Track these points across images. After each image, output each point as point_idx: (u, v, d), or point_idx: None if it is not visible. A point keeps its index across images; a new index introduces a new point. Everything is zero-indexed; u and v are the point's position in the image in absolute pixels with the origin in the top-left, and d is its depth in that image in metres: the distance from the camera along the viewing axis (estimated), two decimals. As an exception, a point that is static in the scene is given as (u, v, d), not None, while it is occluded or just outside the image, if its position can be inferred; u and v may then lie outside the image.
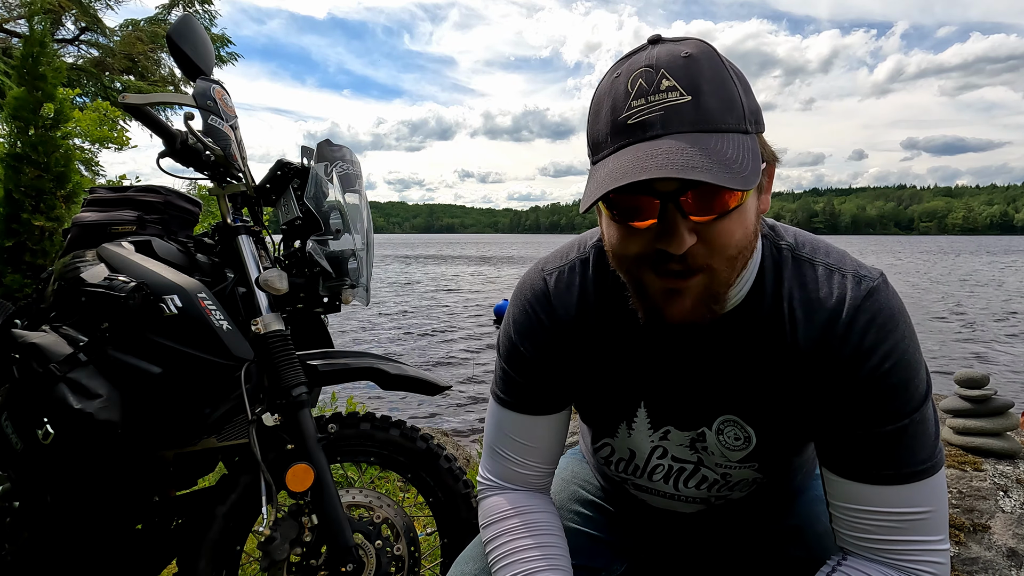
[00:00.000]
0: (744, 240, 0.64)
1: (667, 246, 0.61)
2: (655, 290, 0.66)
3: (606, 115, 0.63)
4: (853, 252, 0.77)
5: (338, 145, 1.38)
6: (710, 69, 0.60)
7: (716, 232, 0.61)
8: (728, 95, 0.61)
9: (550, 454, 0.89)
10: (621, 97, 0.62)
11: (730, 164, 0.56)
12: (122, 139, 4.84)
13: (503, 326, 0.88)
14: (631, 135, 0.60)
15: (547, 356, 0.83)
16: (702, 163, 0.56)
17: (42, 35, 2.87)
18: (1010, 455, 1.80)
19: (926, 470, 0.67)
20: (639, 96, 0.60)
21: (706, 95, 0.59)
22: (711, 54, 0.62)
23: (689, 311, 0.66)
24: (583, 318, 0.81)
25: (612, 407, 0.85)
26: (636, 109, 0.60)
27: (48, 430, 1.10)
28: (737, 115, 0.61)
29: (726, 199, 0.60)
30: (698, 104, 0.59)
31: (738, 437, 0.79)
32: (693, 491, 0.88)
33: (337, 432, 1.36)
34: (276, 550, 1.16)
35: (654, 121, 0.59)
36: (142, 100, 1.21)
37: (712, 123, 0.59)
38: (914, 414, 0.67)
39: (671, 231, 0.60)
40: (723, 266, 0.64)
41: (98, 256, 1.29)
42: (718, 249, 0.62)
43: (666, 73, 0.60)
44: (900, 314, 0.69)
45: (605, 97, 0.64)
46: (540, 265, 0.86)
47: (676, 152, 0.57)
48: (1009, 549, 1.45)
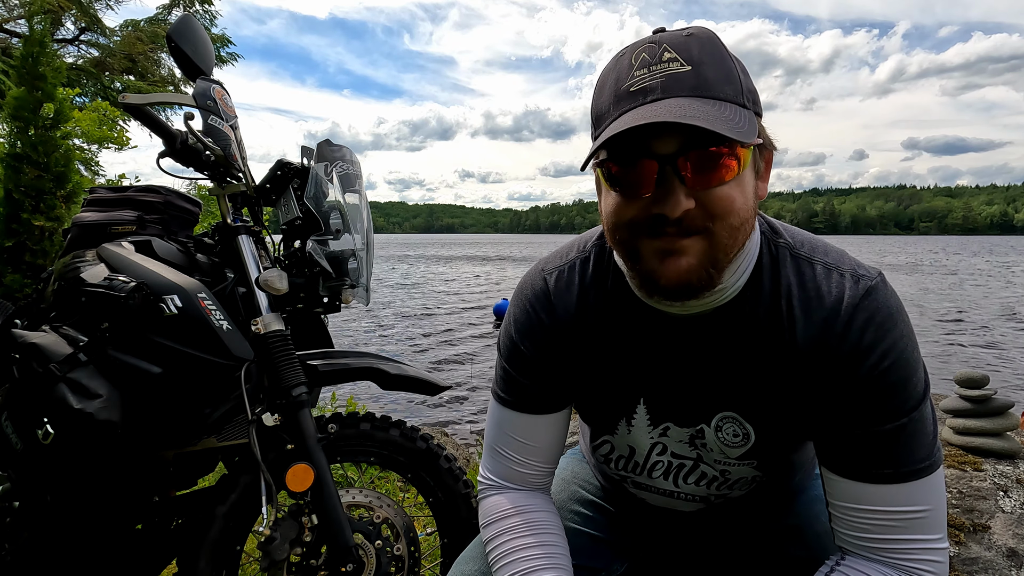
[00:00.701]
0: (744, 210, 0.64)
1: (663, 209, 0.62)
2: (649, 252, 0.66)
3: (610, 87, 0.65)
4: (855, 253, 0.77)
5: (338, 145, 1.38)
6: (711, 45, 0.63)
7: (715, 197, 0.62)
8: (727, 69, 0.63)
9: (551, 453, 0.89)
10: (625, 70, 0.64)
11: (727, 119, 0.58)
12: (122, 139, 4.85)
13: (504, 326, 0.88)
14: (632, 100, 0.62)
15: (548, 355, 0.83)
16: (699, 114, 0.58)
17: (42, 35, 2.87)
18: (1010, 455, 1.80)
19: (924, 468, 0.67)
20: (642, 67, 0.63)
21: (706, 66, 0.62)
22: (712, 35, 0.64)
23: (685, 271, 0.65)
24: (583, 317, 0.81)
25: (612, 404, 0.85)
26: (639, 78, 0.63)
27: (48, 430, 1.10)
28: (735, 88, 0.63)
29: (723, 168, 0.61)
30: (698, 73, 0.61)
31: (736, 434, 0.79)
32: (692, 488, 0.88)
33: (337, 432, 1.36)
34: (276, 550, 1.16)
35: (655, 86, 0.61)
36: (142, 100, 1.21)
37: (711, 91, 0.61)
38: (912, 412, 0.67)
39: (668, 194, 0.61)
40: (723, 231, 0.64)
41: (98, 256, 1.29)
42: (718, 214, 0.63)
43: (668, 47, 0.63)
44: (898, 313, 0.69)
45: (610, 73, 0.67)
46: (540, 265, 0.87)
47: (675, 107, 0.59)
48: (1009, 549, 1.45)
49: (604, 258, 0.82)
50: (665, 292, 0.67)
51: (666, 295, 0.68)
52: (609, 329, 0.80)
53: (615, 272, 0.80)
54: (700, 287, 0.66)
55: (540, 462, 0.88)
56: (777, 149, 0.70)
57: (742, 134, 0.58)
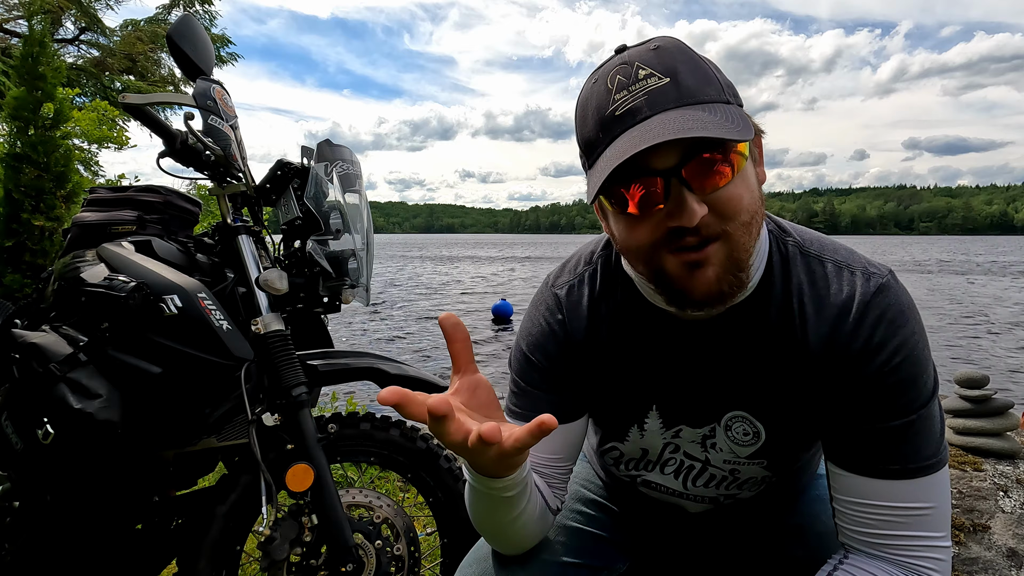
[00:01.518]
0: (753, 205, 0.64)
1: (679, 221, 0.61)
2: (675, 270, 0.65)
3: (593, 115, 0.65)
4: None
5: (338, 145, 1.38)
6: (680, 53, 0.63)
7: (724, 199, 0.62)
8: (703, 72, 0.63)
9: (563, 462, 0.86)
10: (604, 95, 0.64)
11: (721, 122, 0.59)
12: (121, 139, 4.84)
13: (516, 343, 0.87)
14: (621, 124, 0.62)
15: (561, 367, 0.83)
16: (695, 124, 0.58)
17: (42, 35, 2.87)
18: (1010, 455, 1.80)
19: (931, 466, 0.67)
20: (620, 89, 0.63)
21: (683, 74, 0.62)
22: (677, 43, 0.64)
23: (714, 281, 0.65)
24: (595, 329, 0.81)
25: (624, 412, 0.85)
26: (620, 101, 0.62)
27: (48, 430, 1.10)
28: (716, 88, 0.63)
29: (725, 165, 0.61)
30: (677, 83, 0.61)
31: (747, 432, 0.79)
32: (702, 490, 0.88)
33: (337, 432, 1.36)
34: (276, 550, 1.16)
35: (639, 106, 0.61)
36: (142, 100, 1.21)
37: (695, 96, 0.61)
38: (922, 410, 0.67)
39: (680, 205, 0.61)
40: (738, 231, 0.64)
41: (98, 256, 1.29)
42: (730, 215, 0.62)
43: (640, 64, 0.62)
44: (909, 310, 0.69)
45: (589, 101, 0.66)
46: (550, 281, 0.87)
47: (668, 122, 0.59)
48: (1009, 549, 1.45)
49: (611, 268, 0.83)
50: (698, 305, 0.67)
51: (698, 307, 0.68)
52: (621, 339, 0.80)
53: (624, 281, 0.81)
54: (731, 292, 0.67)
55: (553, 469, 0.86)
56: (765, 133, 0.70)
57: (741, 132, 0.58)
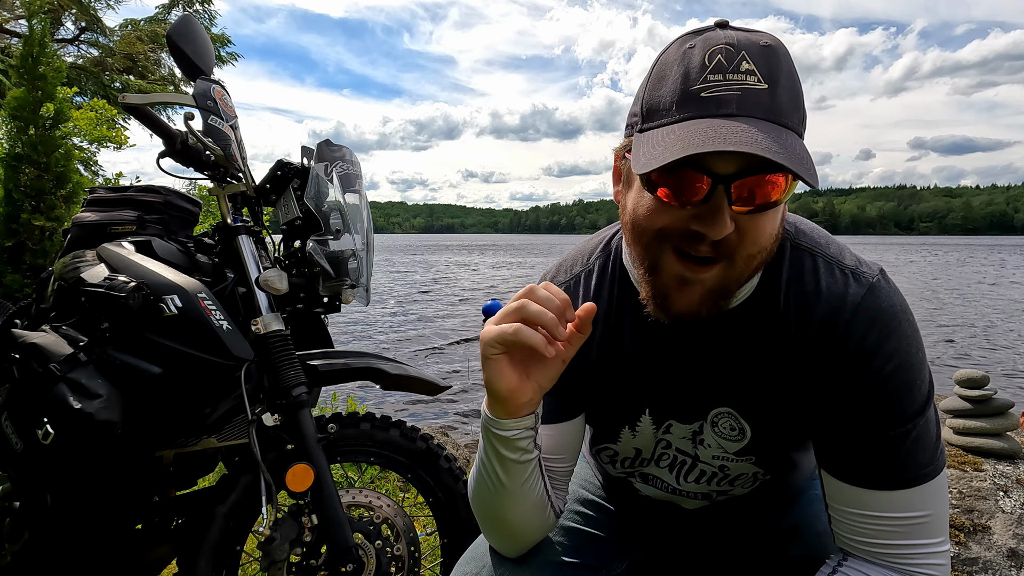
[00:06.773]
0: (771, 239, 0.64)
1: (707, 229, 0.59)
2: (670, 274, 0.65)
3: (674, 83, 0.61)
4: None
5: (338, 145, 1.39)
6: (786, 65, 0.60)
7: (753, 224, 0.61)
8: (797, 94, 0.61)
9: (564, 459, 0.86)
10: (696, 68, 0.60)
11: (802, 159, 0.56)
12: (120, 138, 4.83)
13: None
14: (703, 108, 0.59)
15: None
16: (780, 148, 0.55)
17: (42, 35, 2.86)
18: (1010, 455, 1.80)
19: (927, 474, 0.66)
20: (716, 71, 0.59)
21: (781, 88, 0.59)
22: (786, 52, 0.61)
23: (696, 303, 0.65)
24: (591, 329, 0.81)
25: (616, 413, 0.85)
26: (713, 83, 0.59)
27: (48, 430, 1.10)
28: (800, 115, 0.61)
29: (772, 193, 0.60)
30: (774, 95, 0.58)
31: (733, 428, 0.79)
32: (694, 486, 0.88)
33: (337, 432, 1.35)
34: (276, 550, 1.16)
35: (730, 99, 0.58)
36: (142, 100, 1.21)
37: (782, 117, 0.59)
38: (917, 418, 0.65)
39: (715, 214, 0.59)
40: (746, 260, 0.63)
41: (98, 256, 1.29)
42: (750, 242, 0.62)
43: (746, 56, 0.59)
44: (902, 312, 0.67)
45: (674, 65, 0.62)
46: (547, 280, 0.87)
47: (756, 134, 0.55)
48: (1009, 549, 1.45)
49: (607, 270, 0.82)
50: (673, 317, 0.67)
51: (672, 319, 0.68)
52: (614, 340, 0.80)
53: (620, 283, 0.80)
54: (708, 315, 0.66)
55: (554, 469, 0.85)
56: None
57: (811, 176, 0.56)
